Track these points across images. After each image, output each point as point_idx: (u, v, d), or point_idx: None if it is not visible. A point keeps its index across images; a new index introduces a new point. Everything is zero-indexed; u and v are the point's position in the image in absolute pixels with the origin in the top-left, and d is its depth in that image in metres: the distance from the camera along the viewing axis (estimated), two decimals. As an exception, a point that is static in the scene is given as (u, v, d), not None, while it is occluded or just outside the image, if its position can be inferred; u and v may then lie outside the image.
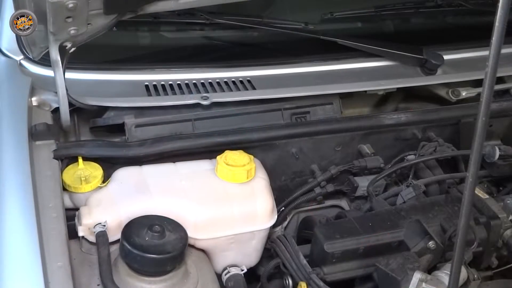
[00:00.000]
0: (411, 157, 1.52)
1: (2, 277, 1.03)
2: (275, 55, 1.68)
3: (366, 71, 1.64)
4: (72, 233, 1.18)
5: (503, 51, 0.74)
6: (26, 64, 1.49)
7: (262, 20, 1.73)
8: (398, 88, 1.61)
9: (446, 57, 1.67)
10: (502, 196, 1.44)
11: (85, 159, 1.30)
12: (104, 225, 1.17)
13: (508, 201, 1.33)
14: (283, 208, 1.46)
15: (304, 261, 1.26)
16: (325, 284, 1.21)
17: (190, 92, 1.48)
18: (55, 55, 1.27)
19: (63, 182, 1.25)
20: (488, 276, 1.37)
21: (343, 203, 1.56)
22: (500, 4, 0.72)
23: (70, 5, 1.17)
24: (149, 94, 1.47)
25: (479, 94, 1.43)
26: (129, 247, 1.09)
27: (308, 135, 1.46)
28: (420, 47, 1.66)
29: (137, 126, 1.39)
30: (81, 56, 1.34)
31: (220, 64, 1.57)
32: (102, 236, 1.15)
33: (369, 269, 1.25)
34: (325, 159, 1.51)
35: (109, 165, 1.32)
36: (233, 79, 1.53)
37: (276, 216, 1.32)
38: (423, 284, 1.11)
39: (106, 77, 1.52)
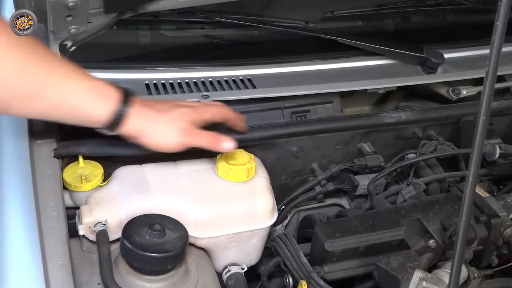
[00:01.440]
0: (412, 155, 1.52)
1: (3, 276, 1.03)
2: (275, 54, 1.68)
3: (366, 70, 1.63)
4: (72, 231, 1.18)
5: (504, 49, 0.74)
6: (26, 62, 1.49)
7: (262, 19, 1.73)
8: (398, 87, 1.61)
9: (446, 55, 1.67)
10: (503, 194, 1.43)
11: (86, 157, 1.31)
12: (105, 224, 1.17)
13: (509, 200, 1.33)
14: (283, 206, 1.46)
15: (305, 260, 1.26)
16: (325, 283, 1.21)
17: (191, 90, 1.48)
18: (55, 53, 1.27)
19: (63, 181, 1.25)
20: (488, 275, 1.37)
21: (344, 201, 1.56)
22: (501, 3, 0.72)
23: (71, 4, 1.17)
24: (150, 93, 1.46)
25: (479, 93, 1.43)
26: (129, 245, 1.09)
27: (309, 133, 1.46)
28: (420, 45, 1.66)
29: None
30: (81, 55, 1.34)
31: (220, 63, 1.57)
32: (102, 234, 1.15)
33: (369, 267, 1.25)
34: (325, 157, 1.51)
35: (110, 164, 1.32)
36: (233, 78, 1.52)
37: (277, 215, 1.32)
38: (424, 283, 1.10)
39: (106, 76, 1.51)
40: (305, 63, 1.61)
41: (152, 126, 1.17)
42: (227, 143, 1.21)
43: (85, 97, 1.12)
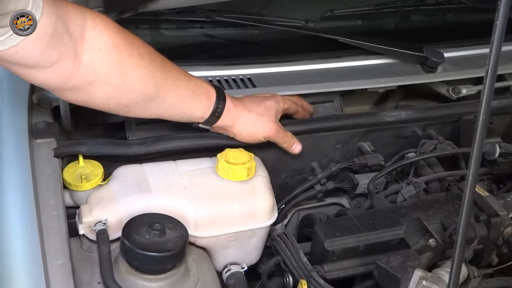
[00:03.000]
0: (412, 154, 1.52)
1: (3, 275, 1.03)
2: (275, 53, 1.68)
3: (366, 69, 1.63)
4: (72, 231, 1.18)
5: (504, 48, 0.74)
6: (26, 62, 1.48)
7: (262, 18, 1.73)
8: (398, 86, 1.61)
9: (446, 54, 1.67)
10: (503, 193, 1.43)
11: (86, 157, 1.31)
12: (105, 223, 1.17)
13: (509, 199, 1.33)
14: (283, 205, 1.46)
15: (305, 259, 1.26)
16: (325, 282, 1.21)
17: (191, 90, 1.47)
18: (55, 53, 1.27)
19: (63, 180, 1.26)
20: (488, 274, 1.37)
21: (344, 201, 1.56)
22: (501, 2, 0.72)
23: (71, 3, 1.17)
24: (150, 92, 1.46)
25: (479, 92, 1.43)
26: (129, 245, 1.09)
27: (308, 132, 1.46)
28: (420, 44, 1.66)
29: (138, 124, 1.39)
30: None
31: (220, 62, 1.57)
32: (102, 234, 1.15)
33: (369, 266, 1.25)
34: (325, 156, 1.51)
35: (110, 163, 1.32)
36: (233, 77, 1.52)
37: (277, 214, 1.32)
38: (423, 282, 1.11)
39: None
40: (305, 62, 1.61)
41: (243, 119, 1.30)
42: (297, 147, 1.39)
43: (192, 95, 1.23)
